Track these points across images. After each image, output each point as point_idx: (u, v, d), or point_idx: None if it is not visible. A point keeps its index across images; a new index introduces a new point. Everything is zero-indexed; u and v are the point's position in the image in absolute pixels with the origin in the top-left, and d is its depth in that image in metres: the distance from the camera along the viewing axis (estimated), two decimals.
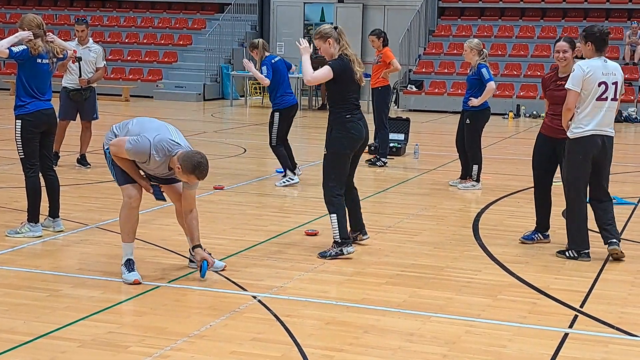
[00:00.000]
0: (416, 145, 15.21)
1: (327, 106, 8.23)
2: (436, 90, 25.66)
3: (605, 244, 8.09)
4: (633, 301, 6.91)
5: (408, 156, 15.16)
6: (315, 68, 7.99)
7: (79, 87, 12.61)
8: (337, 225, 7.91)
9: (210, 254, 7.28)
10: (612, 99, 7.94)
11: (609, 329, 6.20)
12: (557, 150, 8.46)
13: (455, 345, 5.75)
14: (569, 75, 8.14)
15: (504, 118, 23.27)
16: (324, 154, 8.14)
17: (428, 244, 8.64)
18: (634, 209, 10.69)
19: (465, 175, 12.05)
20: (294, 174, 11.81)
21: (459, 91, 23.45)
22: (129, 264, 7.13)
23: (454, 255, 8.21)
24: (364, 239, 8.42)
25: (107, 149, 7.25)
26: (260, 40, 12.38)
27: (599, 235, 8.21)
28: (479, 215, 10.14)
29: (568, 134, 8.00)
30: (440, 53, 27.21)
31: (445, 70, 26.43)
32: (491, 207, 10.65)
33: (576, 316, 6.46)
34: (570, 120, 8.01)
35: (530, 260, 8.05)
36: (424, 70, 26.67)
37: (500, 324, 6.22)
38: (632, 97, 23.90)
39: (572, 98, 7.87)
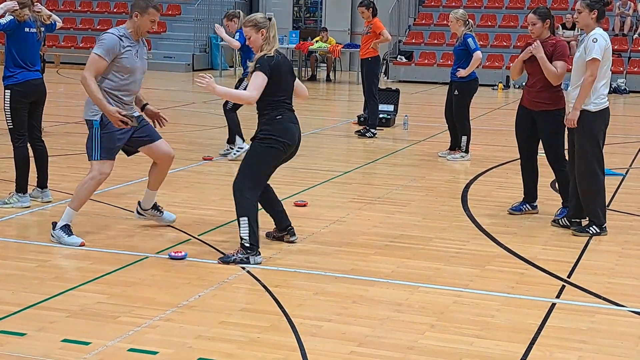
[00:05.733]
0: (405, 116, 15.22)
1: (257, 110, 7.16)
2: (426, 61, 25.62)
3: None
4: (620, 271, 6.94)
5: (397, 127, 15.16)
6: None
7: None
8: (247, 230, 6.90)
9: None
10: None
11: (596, 299, 6.23)
12: (535, 122, 8.46)
13: (443, 315, 5.77)
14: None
15: (493, 89, 23.24)
16: (248, 149, 7.25)
17: (417, 214, 8.66)
18: (622, 179, 10.73)
19: (454, 146, 12.07)
20: (243, 140, 11.50)
21: (449, 62, 23.40)
22: (68, 229, 7.30)
23: (443, 226, 8.23)
24: (292, 240, 7.46)
25: (94, 120, 7.25)
26: (240, 11, 12.24)
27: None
28: (467, 186, 10.16)
29: (589, 107, 7.78)
30: (430, 24, 27.14)
31: (435, 41, 26.37)
32: (480, 178, 10.67)
33: (563, 286, 6.50)
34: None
35: (518, 231, 8.08)
36: (413, 41, 26.61)
37: (488, 294, 6.25)
38: (621, 69, 23.90)
39: (597, 68, 7.72)
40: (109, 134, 7.26)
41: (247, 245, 6.91)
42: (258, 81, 6.89)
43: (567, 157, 8.33)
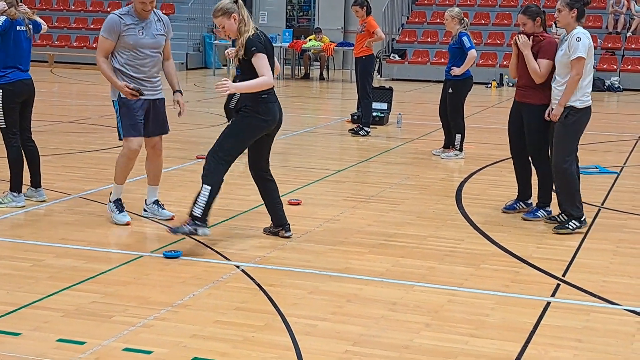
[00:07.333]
0: (399, 114, 15.22)
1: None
2: (419, 59, 25.63)
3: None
4: (615, 270, 6.95)
5: (391, 125, 15.17)
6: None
7: None
8: (205, 200, 7.04)
9: None
10: None
11: (590, 297, 6.24)
12: (522, 115, 8.47)
13: (438, 314, 5.77)
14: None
15: (487, 87, 23.28)
16: (231, 121, 7.33)
17: (411, 213, 8.66)
18: (616, 178, 10.74)
19: (448, 144, 12.08)
20: None
21: (442, 60, 23.45)
22: (119, 203, 7.93)
23: (437, 224, 8.23)
24: (286, 236, 7.55)
25: (115, 100, 7.78)
26: None
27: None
28: (461, 184, 10.16)
29: (576, 103, 7.83)
30: (423, 22, 27.15)
31: (429, 40, 26.38)
32: (474, 177, 10.68)
33: (558, 285, 6.50)
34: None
35: (512, 230, 8.08)
36: (407, 39, 26.62)
37: (482, 293, 6.25)
38: (614, 67, 23.95)
39: (582, 66, 7.77)
40: (127, 111, 7.76)
41: (198, 215, 7.05)
42: (264, 61, 7.03)
43: (549, 156, 8.33)
